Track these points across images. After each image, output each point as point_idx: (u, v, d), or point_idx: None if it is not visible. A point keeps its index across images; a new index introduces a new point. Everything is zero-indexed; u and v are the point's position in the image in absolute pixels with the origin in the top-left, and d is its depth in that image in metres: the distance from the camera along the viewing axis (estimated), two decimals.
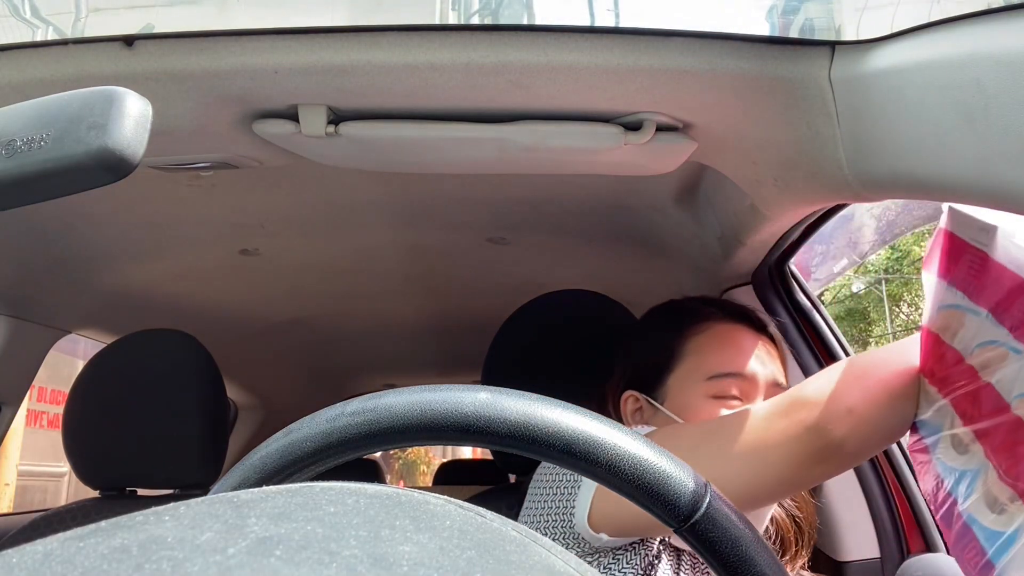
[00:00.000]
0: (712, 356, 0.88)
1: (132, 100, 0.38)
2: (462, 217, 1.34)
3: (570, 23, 0.68)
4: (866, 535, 1.12)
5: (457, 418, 0.36)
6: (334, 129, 0.82)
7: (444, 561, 0.20)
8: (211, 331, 1.53)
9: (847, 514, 1.13)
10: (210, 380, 1.32)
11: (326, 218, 1.33)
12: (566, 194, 1.22)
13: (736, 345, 0.89)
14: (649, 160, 0.89)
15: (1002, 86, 0.47)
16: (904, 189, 0.63)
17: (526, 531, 0.26)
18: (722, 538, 0.35)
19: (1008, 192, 0.48)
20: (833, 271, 5.21)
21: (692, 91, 0.74)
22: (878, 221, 5.54)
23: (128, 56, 0.71)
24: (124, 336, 1.36)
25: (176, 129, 0.85)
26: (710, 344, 0.90)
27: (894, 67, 0.57)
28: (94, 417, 1.28)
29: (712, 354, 0.88)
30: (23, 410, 3.78)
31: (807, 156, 0.74)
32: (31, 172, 0.37)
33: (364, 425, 0.37)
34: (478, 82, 0.73)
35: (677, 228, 1.27)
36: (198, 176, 1.06)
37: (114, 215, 1.25)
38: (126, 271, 1.49)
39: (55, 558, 0.17)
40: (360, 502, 0.23)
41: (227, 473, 0.39)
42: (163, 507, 0.21)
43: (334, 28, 0.69)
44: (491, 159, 0.91)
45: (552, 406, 0.36)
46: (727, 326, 0.91)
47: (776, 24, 0.67)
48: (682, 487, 0.35)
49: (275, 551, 0.18)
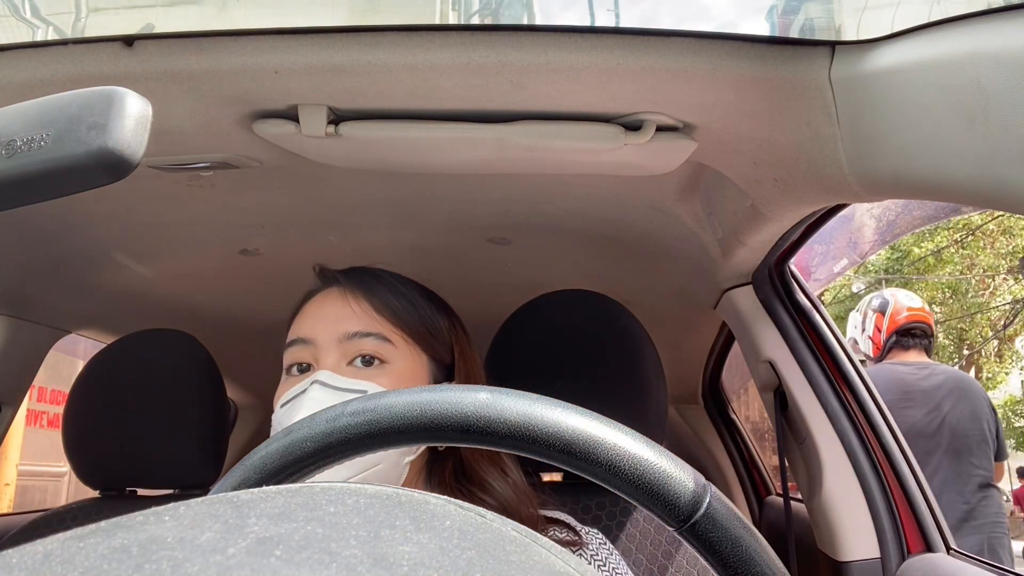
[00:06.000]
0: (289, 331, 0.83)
1: (132, 100, 0.38)
2: (462, 217, 1.34)
3: (570, 23, 0.68)
4: (866, 535, 1.12)
5: (457, 418, 0.36)
6: (334, 129, 0.82)
7: (444, 561, 0.20)
8: (211, 331, 1.53)
9: (847, 514, 1.13)
10: (210, 380, 1.32)
11: (326, 218, 1.33)
12: (566, 194, 1.22)
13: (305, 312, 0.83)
14: (649, 160, 0.89)
15: (1002, 86, 0.47)
16: (904, 189, 0.63)
17: (526, 531, 0.26)
18: (722, 538, 0.35)
19: (1008, 192, 0.48)
20: (833, 271, 5.21)
21: (692, 91, 0.74)
22: (878, 221, 5.54)
23: (128, 56, 0.71)
24: (124, 336, 1.35)
25: (176, 129, 0.85)
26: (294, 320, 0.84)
27: (894, 67, 0.57)
28: (94, 417, 1.28)
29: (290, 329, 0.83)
30: (23, 410, 3.78)
31: (807, 156, 0.74)
32: (31, 172, 0.37)
33: (364, 425, 0.37)
34: (478, 82, 0.73)
35: (677, 228, 1.27)
36: (198, 176, 1.06)
37: (114, 215, 1.25)
38: (126, 271, 1.49)
39: (55, 558, 0.17)
40: (360, 502, 0.23)
41: (227, 473, 0.39)
42: (163, 507, 0.21)
43: (334, 28, 0.69)
44: (491, 159, 0.91)
45: (552, 406, 0.36)
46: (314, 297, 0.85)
47: (776, 24, 0.67)
48: (682, 487, 0.35)
49: (275, 551, 0.18)
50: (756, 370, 1.29)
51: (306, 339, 0.80)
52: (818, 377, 1.20)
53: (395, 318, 0.81)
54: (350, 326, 0.79)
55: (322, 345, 0.79)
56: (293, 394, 0.77)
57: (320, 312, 0.82)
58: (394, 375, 0.79)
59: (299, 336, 0.80)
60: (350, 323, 0.79)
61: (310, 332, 0.80)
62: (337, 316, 0.80)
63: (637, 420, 0.99)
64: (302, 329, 0.81)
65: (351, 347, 0.78)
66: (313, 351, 0.79)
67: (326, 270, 0.87)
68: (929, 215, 5.57)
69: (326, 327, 0.79)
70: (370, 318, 0.80)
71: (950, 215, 9.81)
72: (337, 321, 0.80)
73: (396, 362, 0.79)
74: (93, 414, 1.29)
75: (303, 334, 0.80)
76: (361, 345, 0.78)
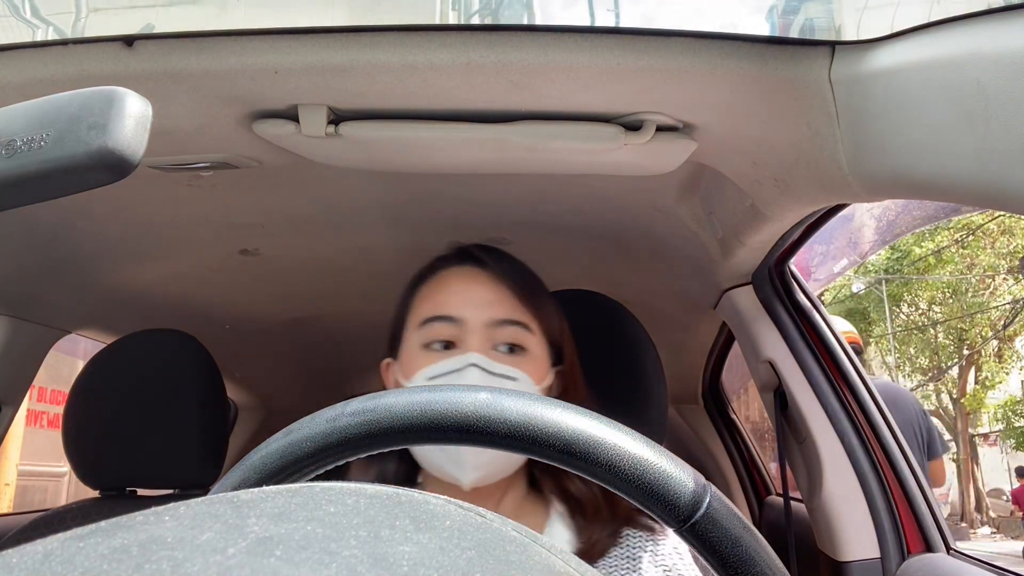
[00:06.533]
0: (425, 303, 0.83)
1: (132, 100, 0.38)
2: (462, 217, 1.34)
3: (570, 23, 0.68)
4: (866, 535, 1.12)
5: (457, 418, 0.36)
6: (334, 129, 0.82)
7: (444, 561, 0.20)
8: (211, 331, 1.53)
9: (847, 514, 1.13)
10: (210, 380, 1.32)
11: (326, 218, 1.33)
12: (566, 194, 1.22)
13: (448, 288, 0.83)
14: (649, 160, 0.89)
15: (1002, 86, 0.47)
16: (904, 189, 0.63)
17: (526, 531, 0.26)
18: (722, 538, 0.35)
19: (1008, 192, 0.48)
20: (833, 271, 5.22)
21: (692, 91, 0.74)
22: (878, 221, 5.55)
23: (128, 56, 0.71)
24: (124, 336, 1.35)
25: (176, 129, 0.85)
26: (429, 292, 0.84)
27: (894, 67, 0.57)
28: (94, 417, 1.28)
29: (426, 301, 0.83)
30: (23, 410, 3.78)
31: (807, 156, 0.74)
32: (31, 172, 0.37)
33: (364, 425, 0.37)
34: (478, 82, 0.73)
35: (677, 228, 1.27)
36: (198, 176, 1.06)
37: (114, 215, 1.25)
38: (126, 271, 1.49)
39: (55, 558, 0.17)
40: (360, 502, 0.23)
41: (227, 473, 0.39)
42: (163, 507, 0.21)
43: (334, 28, 0.69)
44: (491, 159, 0.91)
45: (552, 406, 0.36)
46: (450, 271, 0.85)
47: (776, 24, 0.67)
48: (682, 487, 0.35)
49: (275, 551, 0.18)
50: (756, 370, 1.29)
51: (454, 318, 0.80)
52: (818, 377, 1.20)
53: (535, 309, 0.83)
54: (499, 312, 0.81)
55: (471, 327, 0.79)
56: (446, 370, 0.78)
57: (468, 292, 0.82)
58: (532, 363, 0.80)
59: (445, 313, 0.80)
60: (499, 309, 0.81)
61: (457, 311, 0.80)
62: (485, 299, 0.81)
63: (637, 420, 0.98)
64: (448, 306, 0.81)
65: (497, 333, 0.80)
66: (458, 331, 0.80)
67: (466, 248, 0.88)
68: (929, 215, 5.57)
69: (475, 310, 0.80)
70: (515, 305, 0.82)
71: (950, 215, 9.80)
72: (486, 305, 0.81)
73: (533, 350, 0.81)
74: (93, 414, 1.29)
75: (450, 312, 0.80)
76: (506, 332, 0.80)
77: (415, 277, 0.88)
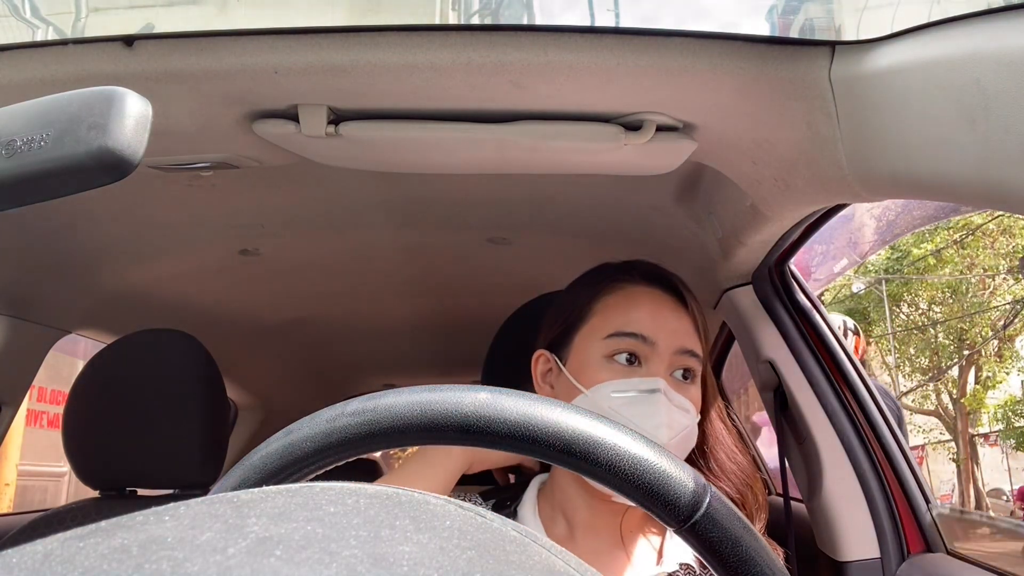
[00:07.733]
0: (614, 316, 0.85)
1: (132, 100, 0.38)
2: (462, 217, 1.34)
3: (570, 23, 0.68)
4: (866, 535, 1.11)
5: (457, 418, 0.36)
6: (334, 129, 0.82)
7: (444, 561, 0.20)
8: (211, 331, 1.53)
9: (847, 514, 1.13)
10: (210, 380, 1.32)
11: (326, 218, 1.33)
12: (566, 194, 1.22)
13: (640, 307, 0.85)
14: (649, 160, 0.89)
15: (1002, 86, 0.47)
16: (904, 189, 0.63)
17: (526, 531, 0.26)
18: (722, 538, 0.35)
19: (1008, 192, 0.48)
20: (833, 271, 5.22)
21: (692, 91, 0.74)
22: (878, 221, 5.55)
23: (128, 56, 0.71)
24: (124, 336, 1.36)
25: (176, 129, 0.85)
26: (616, 304, 0.86)
27: (894, 67, 0.57)
28: (94, 417, 1.28)
29: (614, 313, 0.85)
30: (23, 410, 3.78)
31: (807, 156, 0.74)
32: (31, 172, 0.37)
33: (364, 425, 0.37)
34: (478, 82, 0.73)
35: (677, 228, 1.27)
36: (198, 176, 1.06)
37: (114, 215, 1.25)
38: (126, 271, 1.49)
39: (55, 558, 0.17)
40: (360, 502, 0.23)
41: (227, 473, 0.39)
42: (163, 507, 0.21)
43: (334, 28, 0.69)
44: (491, 159, 0.91)
45: (552, 406, 0.36)
46: (639, 288, 0.88)
47: (776, 24, 0.67)
48: (682, 487, 0.35)
49: (275, 551, 0.18)
50: (756, 370, 1.29)
51: (646, 337, 0.83)
52: (818, 377, 1.20)
53: (705, 341, 0.87)
54: (686, 342, 0.84)
55: (661, 351, 0.83)
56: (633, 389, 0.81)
57: (661, 316, 0.85)
58: (697, 392, 0.85)
59: (638, 331, 0.83)
60: (687, 339, 0.85)
61: (651, 332, 0.83)
62: (677, 327, 0.85)
63: None
64: (641, 324, 0.83)
65: (678, 360, 0.84)
66: (647, 350, 0.83)
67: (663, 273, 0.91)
68: (929, 215, 5.57)
69: (668, 335, 0.83)
70: (696, 336, 0.86)
71: (950, 215, 9.79)
72: (677, 333, 0.84)
73: (698, 378, 0.86)
74: (93, 414, 1.29)
75: (643, 331, 0.83)
76: (686, 361, 0.84)
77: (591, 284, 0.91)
